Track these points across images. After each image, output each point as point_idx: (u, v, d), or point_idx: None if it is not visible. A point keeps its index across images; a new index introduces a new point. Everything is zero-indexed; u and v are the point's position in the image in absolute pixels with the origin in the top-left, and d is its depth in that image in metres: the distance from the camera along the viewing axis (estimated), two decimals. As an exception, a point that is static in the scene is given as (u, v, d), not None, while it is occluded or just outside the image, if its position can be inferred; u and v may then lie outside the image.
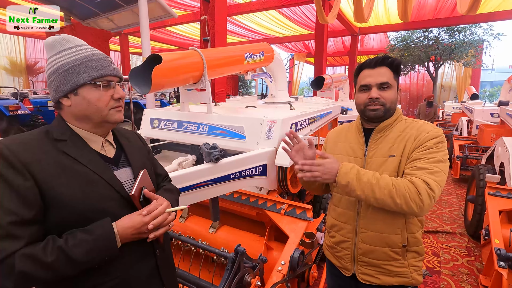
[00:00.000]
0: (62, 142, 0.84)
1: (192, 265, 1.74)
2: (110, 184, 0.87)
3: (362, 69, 1.20)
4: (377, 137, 1.18)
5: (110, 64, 0.91)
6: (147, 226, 0.86)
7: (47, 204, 0.77)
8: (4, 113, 4.78)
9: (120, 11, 4.55)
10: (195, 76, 2.23)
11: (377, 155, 1.15)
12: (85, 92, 0.86)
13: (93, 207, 0.81)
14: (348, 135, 1.29)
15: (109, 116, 0.90)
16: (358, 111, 1.22)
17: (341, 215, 1.24)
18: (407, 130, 1.15)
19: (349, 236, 1.21)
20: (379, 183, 1.02)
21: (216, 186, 1.80)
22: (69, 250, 0.74)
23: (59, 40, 0.88)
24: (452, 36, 11.96)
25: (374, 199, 1.02)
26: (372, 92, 1.14)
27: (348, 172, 1.05)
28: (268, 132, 2.07)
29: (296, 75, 18.44)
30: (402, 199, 0.99)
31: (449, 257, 2.88)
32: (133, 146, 1.06)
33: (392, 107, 1.16)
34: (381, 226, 1.14)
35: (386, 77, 1.13)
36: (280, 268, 1.57)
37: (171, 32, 12.93)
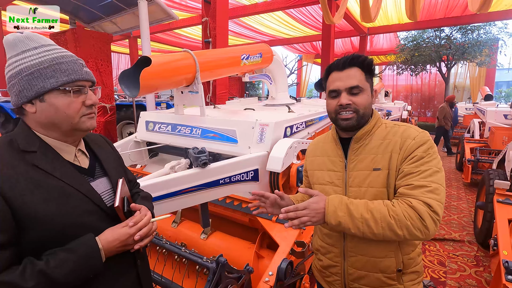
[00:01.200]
0: (31, 154, 0.76)
1: (179, 273, 1.68)
2: (88, 197, 0.81)
3: (331, 71, 1.07)
4: (356, 147, 1.06)
5: (81, 67, 0.83)
6: (132, 237, 0.83)
7: (21, 224, 0.70)
8: (11, 116, 4.87)
9: (122, 14, 4.58)
10: (188, 78, 2.19)
11: (359, 168, 1.03)
12: (52, 98, 0.78)
13: (72, 223, 0.76)
14: (325, 147, 1.17)
15: (80, 124, 0.83)
16: (330, 119, 1.11)
17: (327, 236, 1.12)
18: (389, 136, 1.03)
19: (337, 260, 1.10)
20: (374, 216, 0.90)
21: (205, 191, 1.75)
22: (51, 272, 0.68)
23: (21, 38, 0.80)
24: (465, 35, 11.58)
25: (372, 235, 0.90)
26: (342, 98, 1.01)
27: (336, 210, 0.92)
28: (260, 135, 2.00)
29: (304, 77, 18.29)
30: (404, 230, 0.87)
31: (456, 267, 2.73)
32: (106, 153, 1.01)
33: (366, 112, 1.04)
34: (371, 249, 1.02)
35: (357, 79, 1.01)
36: (267, 279, 1.49)
37: (178, 34, 13.03)
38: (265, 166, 1.93)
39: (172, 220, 2.32)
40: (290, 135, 2.20)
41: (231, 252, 1.92)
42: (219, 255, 1.36)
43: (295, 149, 2.00)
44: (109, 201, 0.89)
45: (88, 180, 0.86)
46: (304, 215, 0.92)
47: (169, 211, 1.67)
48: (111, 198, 0.90)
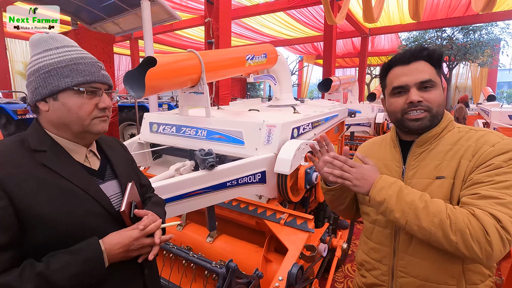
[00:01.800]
0: (41, 153, 0.75)
1: (185, 278, 1.65)
2: (96, 199, 0.79)
3: (392, 66, 0.93)
4: (418, 152, 0.91)
5: (99, 70, 0.82)
6: (138, 241, 0.80)
7: (25, 224, 0.68)
8: (13, 117, 4.86)
9: (125, 15, 4.57)
10: (193, 79, 2.16)
11: (420, 176, 0.89)
12: (65, 97, 0.77)
13: (78, 225, 0.73)
14: (381, 149, 1.04)
15: (91, 126, 0.81)
16: (393, 121, 0.96)
17: (373, 251, 0.99)
18: (461, 142, 0.87)
19: (383, 279, 0.95)
20: (428, 207, 0.76)
21: (212, 194, 1.71)
22: (50, 275, 0.65)
23: (45, 38, 0.80)
24: (467, 35, 11.56)
25: (418, 228, 0.76)
26: (412, 94, 0.86)
27: (386, 187, 0.81)
28: (267, 137, 1.96)
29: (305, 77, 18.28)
30: (458, 236, 0.72)
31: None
32: (118, 156, 0.98)
33: (440, 111, 0.89)
34: (428, 271, 0.86)
35: (428, 73, 0.87)
36: (277, 284, 1.45)
37: (181, 35, 13.03)
38: (273, 168, 1.89)
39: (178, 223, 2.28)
40: (297, 137, 2.17)
41: (238, 256, 1.88)
42: (229, 260, 1.32)
43: (303, 151, 1.96)
44: (117, 205, 0.87)
45: (98, 182, 0.85)
46: (349, 172, 0.83)
47: (175, 214, 1.64)
48: (119, 202, 0.88)
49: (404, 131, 0.96)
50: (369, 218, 1.03)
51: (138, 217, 0.87)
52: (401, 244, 0.91)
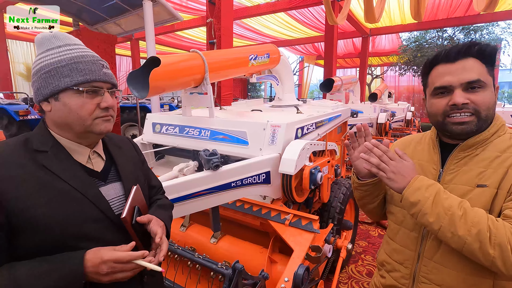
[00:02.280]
0: (43, 154, 0.74)
1: (190, 280, 1.63)
2: (94, 203, 0.76)
3: (435, 64, 0.85)
4: (461, 156, 0.84)
5: (100, 68, 0.80)
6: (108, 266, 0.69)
7: (18, 227, 0.66)
8: (14, 118, 4.85)
9: (127, 15, 4.56)
10: (197, 79, 2.15)
11: (459, 181, 0.82)
12: (66, 97, 0.76)
13: (74, 230, 0.71)
14: (418, 148, 0.97)
15: (93, 126, 0.79)
16: (434, 123, 0.89)
17: (395, 252, 0.94)
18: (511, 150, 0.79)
19: (403, 282, 0.91)
20: (466, 215, 0.70)
21: (216, 195, 1.70)
22: (26, 283, 0.63)
23: (48, 37, 0.79)
24: (468, 35, 11.56)
25: (452, 235, 0.71)
26: (456, 95, 0.79)
27: (422, 188, 0.75)
28: (271, 137, 1.95)
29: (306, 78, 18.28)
30: (497, 251, 0.67)
31: None
32: (126, 156, 0.95)
33: (490, 115, 0.81)
34: (453, 281, 0.80)
35: (476, 72, 0.78)
36: (283, 285, 1.44)
37: (181, 36, 13.04)
38: (277, 168, 1.88)
39: (181, 224, 2.27)
40: (301, 137, 2.16)
41: (242, 257, 1.87)
42: (235, 261, 1.31)
43: (307, 151, 1.95)
44: (118, 209, 0.84)
45: (99, 185, 0.82)
46: (387, 163, 0.78)
47: (180, 215, 1.63)
48: (121, 205, 0.85)
49: (446, 135, 0.88)
50: (395, 219, 0.97)
51: (140, 225, 0.82)
52: (427, 250, 0.86)
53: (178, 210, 1.58)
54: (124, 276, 0.72)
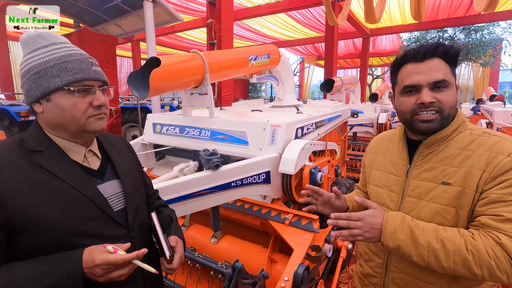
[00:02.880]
0: (38, 154, 0.73)
1: (190, 279, 1.64)
2: (92, 201, 0.76)
3: (405, 62, 0.88)
4: (425, 153, 0.89)
5: (90, 66, 0.79)
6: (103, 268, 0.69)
7: (18, 227, 0.66)
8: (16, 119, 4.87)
9: (127, 16, 4.58)
10: (197, 79, 2.16)
11: (424, 177, 0.87)
12: (57, 98, 0.75)
13: (73, 229, 0.71)
14: (389, 146, 1.02)
15: (87, 125, 0.79)
16: (402, 120, 0.92)
17: (372, 244, 1.01)
18: (472, 147, 0.83)
19: (378, 271, 0.99)
20: (445, 247, 0.73)
21: (217, 194, 1.71)
22: (25, 283, 0.63)
23: (33, 36, 0.78)
24: (469, 35, 11.55)
25: (440, 268, 0.74)
26: (423, 94, 0.82)
27: (396, 232, 0.77)
28: (271, 137, 1.96)
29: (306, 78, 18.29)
30: (485, 270, 0.70)
31: None
32: (121, 154, 0.96)
33: (452, 113, 0.85)
34: (418, 271, 0.87)
35: (442, 72, 0.82)
36: (283, 285, 1.44)
37: (181, 37, 13.07)
38: (277, 168, 1.88)
39: (181, 224, 2.28)
40: (301, 137, 2.16)
41: (242, 257, 1.87)
42: (235, 260, 1.32)
43: (307, 151, 1.95)
44: (117, 205, 0.85)
45: (96, 183, 0.82)
46: (356, 227, 0.79)
47: (180, 215, 1.63)
48: (119, 202, 0.86)
49: (413, 132, 0.92)
50: None
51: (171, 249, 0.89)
52: None
53: (178, 210, 1.58)
54: (120, 275, 0.72)
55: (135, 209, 0.89)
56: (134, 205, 0.90)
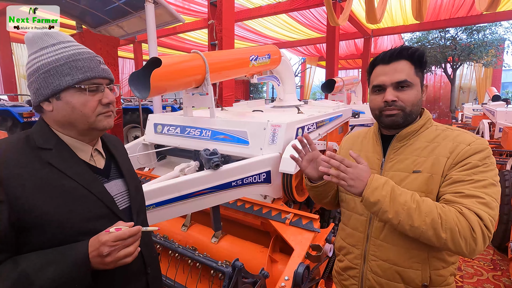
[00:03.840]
0: (47, 151, 0.74)
1: (191, 278, 1.64)
2: (100, 199, 0.77)
3: (376, 65, 0.98)
4: (397, 146, 0.97)
5: (98, 64, 0.80)
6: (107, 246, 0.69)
7: (27, 225, 0.67)
8: (18, 120, 4.90)
9: (129, 18, 4.61)
10: (197, 79, 2.16)
11: (397, 168, 0.95)
12: (68, 96, 0.75)
13: (81, 227, 0.71)
14: (364, 142, 1.10)
15: (97, 123, 0.80)
16: (373, 116, 1.02)
17: (349, 236, 1.05)
18: (437, 140, 0.93)
19: (356, 262, 1.02)
20: (420, 207, 0.80)
21: (217, 194, 1.71)
22: (33, 273, 0.63)
23: (40, 35, 0.78)
24: (471, 35, 11.51)
25: (410, 227, 0.80)
26: (387, 94, 0.92)
27: (379, 188, 0.83)
28: (272, 137, 1.96)
29: (308, 79, 18.28)
30: (448, 234, 0.77)
31: (473, 271, 2.66)
32: (122, 154, 0.98)
33: (414, 110, 0.94)
34: (395, 256, 0.93)
35: (405, 73, 0.91)
36: (283, 284, 1.44)
37: (183, 39, 13.11)
38: (278, 168, 1.88)
39: (182, 224, 2.28)
40: (301, 136, 2.16)
41: (243, 256, 1.87)
42: (235, 259, 1.32)
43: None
44: (122, 204, 0.87)
45: (102, 181, 0.83)
46: (345, 172, 0.84)
47: (180, 214, 1.63)
48: (124, 201, 0.88)
49: (383, 126, 1.02)
50: (347, 206, 1.08)
51: None
52: (374, 230, 0.97)
53: (179, 209, 1.59)
54: (126, 253, 0.71)
55: (138, 208, 0.91)
56: (137, 204, 0.92)
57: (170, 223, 2.32)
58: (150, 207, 1.44)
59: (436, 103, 17.28)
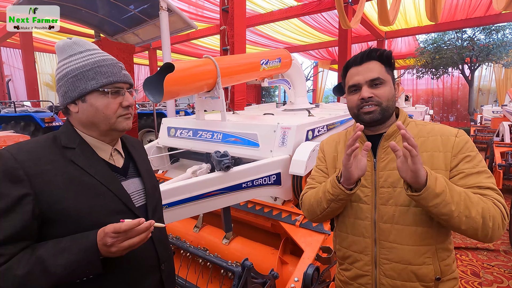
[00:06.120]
0: (71, 150, 0.80)
1: (201, 278, 1.67)
2: (117, 196, 0.82)
3: (349, 67, 1.03)
4: (386, 145, 0.98)
5: (120, 70, 0.87)
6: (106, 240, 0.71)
7: (50, 218, 0.72)
8: (40, 125, 5.15)
9: (144, 25, 4.77)
10: (209, 83, 2.22)
11: (391, 167, 0.95)
12: (93, 99, 0.82)
13: (99, 222, 0.75)
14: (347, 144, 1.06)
15: (117, 124, 0.86)
16: (352, 115, 1.05)
17: (354, 244, 1.02)
18: (422, 134, 0.97)
19: (367, 269, 0.99)
20: (469, 197, 0.81)
21: (228, 195, 1.74)
22: (47, 259, 0.68)
23: (69, 43, 0.86)
24: (489, 35, 11.15)
25: (466, 219, 0.80)
26: (363, 91, 0.97)
27: (438, 177, 0.81)
28: (282, 139, 1.98)
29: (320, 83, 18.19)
30: (492, 222, 0.80)
31: (492, 278, 2.56)
32: (140, 155, 1.03)
33: (390, 105, 0.98)
34: (409, 255, 0.92)
35: (377, 71, 0.97)
36: (293, 285, 1.45)
37: (196, 45, 13.38)
38: (288, 170, 1.90)
39: (194, 225, 2.32)
40: (312, 139, 2.17)
41: (253, 258, 1.89)
42: (245, 259, 1.34)
43: (318, 152, 1.96)
44: (138, 201, 0.91)
45: (120, 180, 0.88)
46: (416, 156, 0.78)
47: (192, 215, 1.67)
48: (140, 198, 0.92)
49: (363, 124, 0.98)
50: (347, 214, 1.04)
51: None
52: (382, 233, 0.96)
53: (190, 210, 1.63)
54: (131, 244, 0.72)
55: (154, 206, 0.95)
56: (154, 202, 0.96)
57: (182, 224, 2.37)
58: (163, 208, 1.49)
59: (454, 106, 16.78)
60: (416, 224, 0.92)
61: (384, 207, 0.96)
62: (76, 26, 8.59)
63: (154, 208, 0.95)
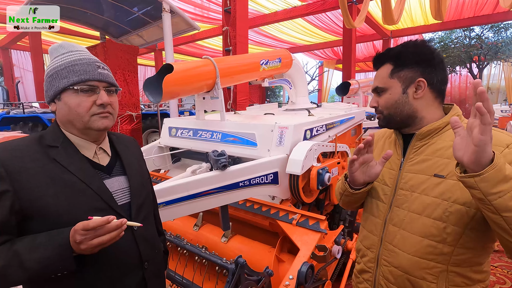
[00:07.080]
0: (54, 149, 0.82)
1: (200, 275, 1.70)
2: (98, 194, 0.83)
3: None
4: (417, 145, 0.92)
5: (95, 68, 0.86)
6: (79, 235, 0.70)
7: (32, 214, 0.75)
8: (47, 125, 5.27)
9: (148, 27, 4.84)
10: (209, 84, 2.24)
11: (417, 170, 0.89)
12: (66, 97, 0.83)
13: (78, 219, 0.75)
14: (386, 141, 1.08)
15: (91, 123, 0.85)
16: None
17: (365, 239, 1.03)
18: None
19: (370, 266, 0.99)
20: None
21: (225, 194, 1.76)
22: (23, 253, 0.70)
23: (56, 47, 0.89)
24: (498, 33, 10.96)
25: None
26: (372, 100, 1.00)
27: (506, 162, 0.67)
28: (279, 138, 1.99)
29: (325, 83, 18.10)
30: None
31: (495, 279, 2.53)
32: (132, 154, 1.03)
33: (393, 112, 0.93)
34: (407, 264, 0.87)
35: (379, 79, 0.96)
36: (287, 283, 1.46)
37: (200, 45, 13.46)
38: (285, 169, 1.91)
39: (194, 224, 2.35)
40: (310, 138, 2.18)
41: (251, 256, 1.91)
42: (238, 256, 1.36)
43: (315, 152, 1.97)
44: (122, 200, 0.90)
45: (103, 177, 0.88)
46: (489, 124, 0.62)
47: (189, 213, 1.70)
48: (124, 197, 0.92)
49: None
50: (366, 207, 1.06)
51: None
52: (388, 234, 0.94)
53: (187, 208, 1.65)
54: (101, 242, 0.72)
55: (139, 205, 0.95)
56: (139, 201, 0.95)
57: (182, 223, 2.40)
58: (161, 206, 1.52)
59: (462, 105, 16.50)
60: (422, 235, 0.85)
61: (397, 209, 0.93)
62: (82, 29, 8.75)
63: (139, 206, 0.94)
